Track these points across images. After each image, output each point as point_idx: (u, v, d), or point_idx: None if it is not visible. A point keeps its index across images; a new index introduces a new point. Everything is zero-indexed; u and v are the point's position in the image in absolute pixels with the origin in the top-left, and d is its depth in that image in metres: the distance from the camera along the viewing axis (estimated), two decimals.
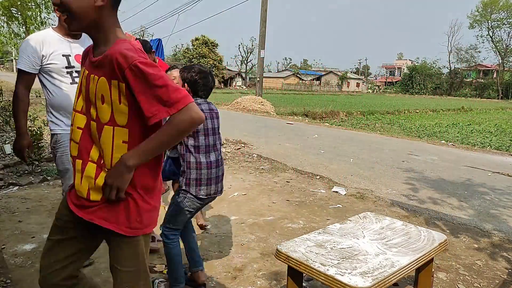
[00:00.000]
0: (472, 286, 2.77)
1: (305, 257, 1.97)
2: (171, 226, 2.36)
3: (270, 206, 4.29)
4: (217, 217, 3.89)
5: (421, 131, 13.41)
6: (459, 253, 3.31)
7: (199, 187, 2.27)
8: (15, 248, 2.99)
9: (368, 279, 1.76)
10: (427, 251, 2.16)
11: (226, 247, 3.19)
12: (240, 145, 7.93)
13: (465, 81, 63.05)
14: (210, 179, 2.29)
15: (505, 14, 55.53)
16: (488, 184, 5.71)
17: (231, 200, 4.42)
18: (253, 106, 16.98)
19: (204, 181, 2.27)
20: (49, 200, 4.04)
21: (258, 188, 5.00)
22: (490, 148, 9.92)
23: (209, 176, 2.28)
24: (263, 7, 17.65)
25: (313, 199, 4.65)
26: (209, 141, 2.29)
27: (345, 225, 2.48)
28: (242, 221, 3.81)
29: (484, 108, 28.58)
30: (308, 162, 6.67)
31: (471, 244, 3.52)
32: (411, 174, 6.16)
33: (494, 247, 3.48)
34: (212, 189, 2.32)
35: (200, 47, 43.49)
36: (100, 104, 1.32)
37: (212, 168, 2.29)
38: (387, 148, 8.68)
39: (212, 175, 2.29)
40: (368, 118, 17.81)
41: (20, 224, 3.44)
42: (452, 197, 5.00)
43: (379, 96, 50.89)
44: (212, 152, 2.30)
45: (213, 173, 2.29)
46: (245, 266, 2.87)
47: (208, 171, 2.27)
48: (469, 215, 4.33)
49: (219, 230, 3.55)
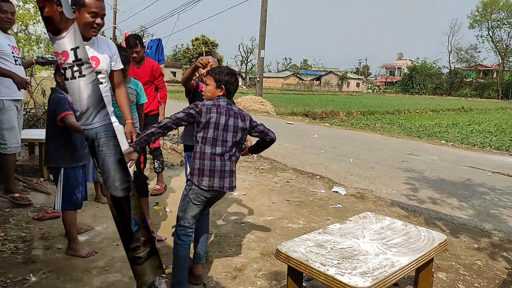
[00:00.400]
0: (472, 286, 2.77)
1: (305, 257, 1.97)
2: (182, 222, 2.37)
3: (270, 206, 4.29)
4: (217, 216, 3.90)
5: (421, 131, 13.42)
6: (459, 253, 3.31)
7: (201, 177, 2.28)
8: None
9: (368, 279, 1.77)
10: (427, 251, 2.17)
11: (226, 247, 3.19)
12: None
13: (465, 81, 63.06)
14: (214, 171, 2.28)
15: (505, 14, 55.55)
16: (488, 184, 5.71)
17: (231, 200, 4.42)
18: (253, 106, 16.98)
19: (206, 172, 2.28)
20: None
21: (258, 188, 5.00)
22: (490, 148, 9.93)
23: (212, 168, 2.28)
24: (263, 7, 17.65)
25: (313, 199, 4.65)
26: (218, 135, 2.29)
27: (345, 225, 2.48)
28: (242, 221, 3.81)
29: (484, 108, 28.59)
30: (308, 162, 6.68)
31: (471, 244, 3.52)
32: (411, 174, 6.16)
33: (494, 247, 3.48)
34: (216, 182, 2.30)
35: (200, 47, 43.47)
36: None
37: (216, 160, 2.29)
38: (387, 148, 8.68)
39: (216, 168, 2.29)
40: (368, 118, 17.82)
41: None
42: (452, 197, 5.00)
43: (379, 96, 50.91)
44: (219, 146, 2.30)
45: (217, 165, 2.29)
46: (245, 266, 2.87)
47: (212, 162, 2.28)
48: (469, 215, 4.33)
49: (219, 230, 3.55)
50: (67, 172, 2.82)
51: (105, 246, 3.08)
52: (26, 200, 3.80)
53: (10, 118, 3.72)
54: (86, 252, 2.87)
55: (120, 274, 2.64)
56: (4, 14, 3.59)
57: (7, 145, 3.71)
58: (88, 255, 2.86)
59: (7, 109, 3.67)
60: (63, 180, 2.81)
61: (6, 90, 3.63)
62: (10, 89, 3.62)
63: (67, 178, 2.82)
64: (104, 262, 2.81)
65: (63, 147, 2.81)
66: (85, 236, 3.24)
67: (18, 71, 3.61)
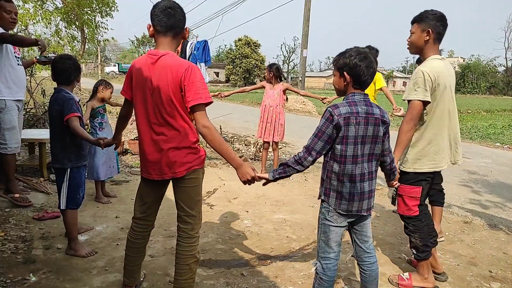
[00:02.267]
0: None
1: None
2: (324, 254, 2.06)
3: (312, 207, 4.27)
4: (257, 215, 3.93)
5: (473, 133, 12.63)
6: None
7: (339, 201, 1.99)
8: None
9: None
10: None
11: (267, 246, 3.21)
12: (282, 144, 7.93)
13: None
14: (353, 194, 1.97)
15: None
16: None
17: (272, 200, 4.44)
18: (294, 106, 16.90)
19: (346, 194, 1.97)
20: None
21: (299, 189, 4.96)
22: None
23: (352, 191, 1.97)
24: (307, 6, 17.48)
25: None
26: (358, 151, 1.93)
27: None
28: (283, 221, 3.81)
29: None
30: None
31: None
32: (466, 176, 5.88)
33: None
34: (354, 206, 1.99)
35: (243, 47, 43.88)
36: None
37: (356, 182, 1.96)
38: None
39: (356, 190, 1.97)
40: None
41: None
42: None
43: None
44: (359, 164, 1.95)
45: (357, 187, 1.97)
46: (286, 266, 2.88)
47: (352, 185, 1.97)
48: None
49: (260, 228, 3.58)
50: (72, 171, 2.80)
51: (105, 246, 3.05)
52: (26, 201, 3.75)
53: (12, 118, 3.69)
54: (86, 252, 2.84)
55: (120, 274, 2.56)
56: (8, 14, 3.60)
57: (7, 145, 3.68)
58: (88, 255, 2.84)
59: (9, 109, 3.65)
60: (69, 179, 2.79)
61: (7, 90, 3.62)
62: (11, 89, 3.65)
63: (73, 178, 2.80)
64: (104, 262, 2.79)
65: (69, 148, 2.77)
66: (85, 236, 3.20)
67: (19, 71, 3.71)
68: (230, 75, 44.71)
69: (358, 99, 1.96)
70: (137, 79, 2.05)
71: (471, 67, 60.77)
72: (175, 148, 2.03)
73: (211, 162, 6.07)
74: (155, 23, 2.01)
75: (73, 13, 10.51)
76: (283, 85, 5.49)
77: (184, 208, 2.13)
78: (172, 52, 2.04)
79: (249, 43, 44.20)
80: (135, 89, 2.07)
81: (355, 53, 1.93)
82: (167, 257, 2.87)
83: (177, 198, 2.15)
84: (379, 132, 1.97)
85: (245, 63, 42.97)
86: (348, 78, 1.95)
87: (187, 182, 2.10)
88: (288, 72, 55.74)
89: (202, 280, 2.60)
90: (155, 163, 2.08)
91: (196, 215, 2.15)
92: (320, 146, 1.94)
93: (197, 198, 2.16)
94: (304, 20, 17.70)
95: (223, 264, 2.86)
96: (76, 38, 11.62)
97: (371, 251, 2.13)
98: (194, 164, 2.09)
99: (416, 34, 2.50)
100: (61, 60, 2.84)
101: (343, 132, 1.90)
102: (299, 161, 1.99)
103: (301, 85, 18.71)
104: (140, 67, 2.03)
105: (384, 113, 1.99)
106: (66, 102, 2.71)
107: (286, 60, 60.38)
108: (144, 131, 2.08)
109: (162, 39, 2.03)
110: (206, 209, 4.02)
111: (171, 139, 2.02)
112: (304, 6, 17.56)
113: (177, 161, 2.04)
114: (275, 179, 2.07)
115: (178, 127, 2.01)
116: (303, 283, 2.64)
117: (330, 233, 2.03)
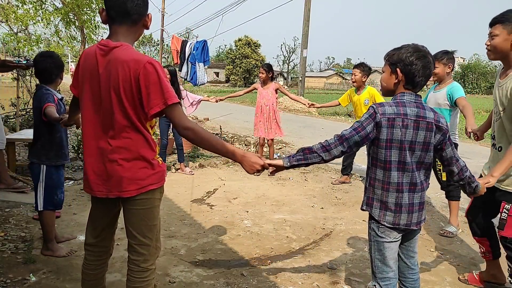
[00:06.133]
0: None
1: None
2: (382, 274, 1.86)
3: (312, 207, 4.27)
4: (258, 216, 3.93)
5: None
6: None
7: (384, 211, 1.81)
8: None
9: None
10: None
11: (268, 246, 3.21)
12: (282, 145, 7.93)
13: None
14: (400, 205, 1.78)
15: None
16: None
17: (272, 200, 4.44)
18: (294, 106, 16.89)
19: (391, 205, 1.79)
20: None
21: (299, 188, 4.97)
22: None
23: (398, 201, 1.78)
24: (307, 6, 17.48)
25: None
26: (405, 157, 1.74)
27: None
28: (284, 221, 3.81)
29: None
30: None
31: None
32: None
33: None
34: (402, 219, 1.79)
35: (243, 47, 43.90)
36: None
37: (403, 192, 1.78)
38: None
39: (404, 201, 1.78)
40: None
41: (75, 216, 3.65)
42: None
43: None
44: (408, 172, 1.77)
45: (404, 197, 1.78)
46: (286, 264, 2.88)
47: (398, 195, 1.78)
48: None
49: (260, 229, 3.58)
50: (50, 171, 2.75)
51: None
52: (25, 187, 4.13)
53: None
54: (65, 252, 2.82)
55: (120, 274, 2.57)
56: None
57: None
58: (68, 254, 2.81)
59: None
60: (45, 179, 2.74)
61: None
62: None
63: (50, 177, 2.75)
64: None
65: (49, 145, 2.75)
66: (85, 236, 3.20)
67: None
68: (230, 75, 44.76)
69: (408, 100, 1.77)
70: (83, 73, 1.69)
71: (472, 67, 60.80)
72: (124, 160, 1.65)
73: (211, 162, 6.07)
74: (108, 7, 1.65)
75: (73, 13, 10.52)
76: (275, 84, 5.76)
77: (134, 236, 1.74)
78: (127, 44, 1.65)
79: (249, 43, 44.24)
80: (82, 85, 1.70)
81: (413, 50, 1.74)
82: (167, 257, 2.86)
83: (126, 222, 1.76)
84: (431, 139, 1.76)
85: (245, 63, 43.01)
86: (401, 76, 1.76)
87: (139, 203, 1.71)
88: (288, 72, 55.73)
89: (202, 280, 2.59)
90: (98, 175, 1.69)
91: (150, 244, 1.76)
92: (355, 140, 1.75)
93: (152, 223, 1.76)
94: (304, 20, 17.70)
95: (223, 264, 2.86)
96: (76, 39, 11.62)
97: (415, 267, 1.96)
98: (149, 183, 1.69)
99: (501, 36, 2.19)
100: (41, 59, 2.83)
101: (386, 135, 1.73)
102: (328, 148, 1.77)
103: (301, 85, 18.71)
104: (88, 59, 1.67)
105: (439, 118, 1.77)
106: (43, 97, 2.70)
107: (286, 60, 60.36)
108: (88, 135, 1.70)
109: (116, 27, 1.66)
110: (206, 209, 4.01)
111: (120, 149, 1.64)
112: (304, 6, 17.56)
113: (125, 177, 1.65)
114: (291, 166, 1.85)
115: (128, 135, 1.64)
116: (303, 283, 2.64)
117: (385, 250, 1.83)
